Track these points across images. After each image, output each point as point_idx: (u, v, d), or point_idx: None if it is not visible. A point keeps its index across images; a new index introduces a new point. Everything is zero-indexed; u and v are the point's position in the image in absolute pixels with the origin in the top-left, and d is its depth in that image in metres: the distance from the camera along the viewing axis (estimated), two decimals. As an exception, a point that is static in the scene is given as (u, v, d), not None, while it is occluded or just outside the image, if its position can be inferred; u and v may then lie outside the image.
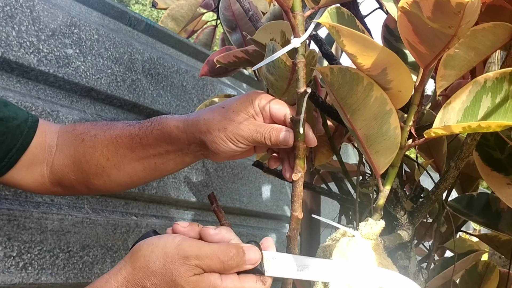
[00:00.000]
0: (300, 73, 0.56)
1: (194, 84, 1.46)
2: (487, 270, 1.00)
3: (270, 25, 0.72)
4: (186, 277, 0.52)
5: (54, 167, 0.76)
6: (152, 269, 0.53)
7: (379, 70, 0.59)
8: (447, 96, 0.87)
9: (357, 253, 0.61)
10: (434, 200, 0.72)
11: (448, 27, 0.51)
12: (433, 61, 0.58)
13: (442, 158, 0.86)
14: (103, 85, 1.16)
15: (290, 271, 0.55)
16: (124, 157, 0.72)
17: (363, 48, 0.57)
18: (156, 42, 1.39)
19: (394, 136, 0.62)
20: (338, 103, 0.62)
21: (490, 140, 0.78)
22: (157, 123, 0.71)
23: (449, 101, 0.58)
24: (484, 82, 0.55)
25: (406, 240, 0.69)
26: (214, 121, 0.65)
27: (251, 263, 0.55)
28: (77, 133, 0.76)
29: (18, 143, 0.73)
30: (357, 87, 0.60)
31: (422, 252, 1.13)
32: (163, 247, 0.53)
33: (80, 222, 1.09)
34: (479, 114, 0.54)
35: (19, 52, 0.98)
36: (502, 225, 0.84)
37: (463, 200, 0.90)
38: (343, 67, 0.60)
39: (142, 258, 0.54)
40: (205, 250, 0.53)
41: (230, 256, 0.53)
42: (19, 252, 0.96)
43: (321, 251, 0.64)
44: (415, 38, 0.56)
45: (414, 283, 0.56)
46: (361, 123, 0.62)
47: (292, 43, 0.55)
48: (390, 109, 0.61)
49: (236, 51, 0.81)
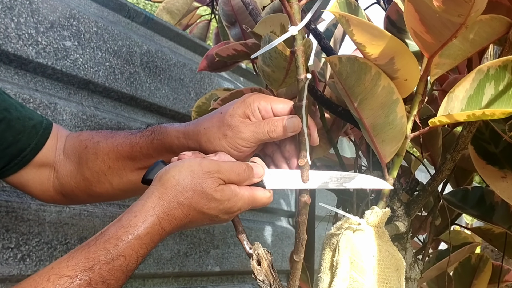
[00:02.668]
0: (300, 60, 0.57)
1: (191, 78, 1.46)
2: (481, 263, 1.02)
3: (270, 18, 0.73)
4: (214, 187, 0.59)
5: (59, 172, 0.77)
6: (183, 185, 0.59)
7: (386, 59, 0.59)
8: (444, 91, 0.88)
9: (364, 241, 0.62)
10: (430, 192, 0.73)
11: (458, 16, 0.51)
12: (439, 50, 0.59)
13: (438, 151, 0.86)
14: (101, 78, 1.17)
15: (286, 183, 0.65)
16: (125, 165, 0.73)
17: (372, 38, 0.57)
18: (155, 35, 1.40)
19: (400, 125, 0.63)
20: (345, 92, 0.63)
21: (485, 134, 0.79)
22: (157, 132, 0.71)
23: (452, 90, 0.58)
24: (487, 70, 0.55)
25: (402, 231, 0.71)
26: (214, 129, 0.66)
27: (258, 176, 0.64)
28: (82, 139, 0.77)
29: (33, 143, 0.74)
30: (365, 77, 0.61)
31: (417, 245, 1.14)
32: (188, 166, 0.60)
33: (77, 214, 1.10)
34: (483, 102, 0.55)
35: (18, 44, 0.98)
36: (496, 218, 0.86)
37: (458, 194, 0.91)
38: (352, 56, 0.61)
39: (172, 178, 0.59)
40: (223, 165, 0.61)
41: (243, 169, 0.62)
42: (17, 243, 0.97)
43: (328, 238, 0.65)
44: (422, 28, 0.56)
45: (386, 182, 0.65)
46: (368, 112, 0.63)
47: (290, 31, 0.56)
48: (397, 98, 0.62)
49: (235, 44, 0.82)
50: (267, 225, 1.77)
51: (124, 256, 0.56)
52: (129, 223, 0.57)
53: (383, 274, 0.61)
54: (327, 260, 0.64)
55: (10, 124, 0.72)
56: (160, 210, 0.58)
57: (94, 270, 0.55)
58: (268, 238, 1.75)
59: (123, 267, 0.56)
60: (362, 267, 0.60)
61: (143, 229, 0.57)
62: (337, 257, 0.62)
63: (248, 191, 0.62)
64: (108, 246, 0.56)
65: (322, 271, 0.64)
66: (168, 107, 1.37)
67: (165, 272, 1.33)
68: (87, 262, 0.55)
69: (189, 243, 1.40)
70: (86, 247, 0.56)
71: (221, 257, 1.52)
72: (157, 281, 1.34)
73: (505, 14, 0.60)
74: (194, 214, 0.60)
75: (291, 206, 1.90)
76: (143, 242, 0.57)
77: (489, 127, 0.77)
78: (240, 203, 0.62)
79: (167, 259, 1.33)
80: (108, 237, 0.56)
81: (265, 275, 0.63)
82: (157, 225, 0.58)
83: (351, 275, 0.60)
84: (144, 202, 0.59)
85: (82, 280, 0.54)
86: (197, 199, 0.59)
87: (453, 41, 0.60)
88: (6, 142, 0.72)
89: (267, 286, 0.63)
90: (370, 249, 0.61)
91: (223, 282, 1.59)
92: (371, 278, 0.60)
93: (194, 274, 1.45)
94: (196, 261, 1.43)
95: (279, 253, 1.78)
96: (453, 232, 1.02)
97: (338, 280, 0.60)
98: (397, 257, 0.64)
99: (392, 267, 0.62)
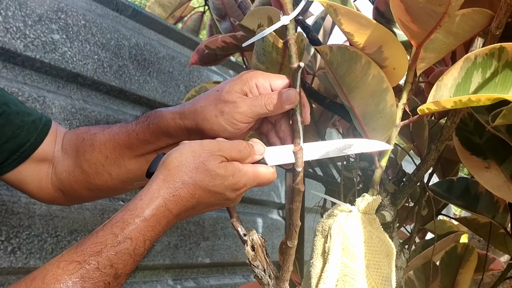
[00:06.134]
0: (292, 49, 0.57)
1: (180, 71, 1.46)
2: (466, 252, 1.04)
3: (258, 11, 0.73)
4: (217, 164, 0.60)
5: (57, 167, 0.76)
6: (186, 166, 0.59)
7: (375, 48, 0.60)
8: (430, 83, 0.90)
9: (355, 227, 0.63)
10: (415, 181, 0.75)
11: (439, 5, 0.52)
12: (425, 39, 0.59)
13: (424, 143, 0.88)
14: (90, 71, 1.17)
15: (287, 158, 0.64)
16: (123, 154, 0.72)
17: (359, 27, 0.58)
18: (143, 28, 1.39)
19: (390, 113, 0.63)
20: (336, 81, 0.63)
21: (470, 125, 0.80)
22: (153, 117, 0.70)
23: (441, 78, 0.59)
24: (475, 58, 0.56)
25: (389, 221, 0.72)
26: (210, 107, 0.65)
27: (259, 153, 0.64)
28: (79, 132, 0.77)
29: (32, 139, 0.74)
30: (356, 65, 0.61)
31: (404, 235, 1.16)
32: (189, 147, 0.61)
33: (67, 207, 1.10)
34: (471, 89, 0.55)
35: (6, 38, 0.98)
36: (480, 207, 0.87)
37: (444, 185, 0.93)
38: (342, 45, 0.61)
39: (174, 160, 0.60)
40: (224, 144, 0.62)
41: (244, 146, 0.62)
42: (7, 236, 0.97)
43: (320, 225, 0.66)
44: (408, 17, 0.57)
45: (385, 143, 0.65)
46: (359, 101, 0.64)
47: (281, 20, 0.56)
48: (387, 87, 0.62)
49: (224, 36, 0.82)
50: (258, 217, 1.79)
51: (130, 238, 0.57)
52: (135, 206, 0.58)
53: (374, 260, 0.62)
54: (319, 246, 0.65)
55: (9, 118, 0.72)
56: (166, 191, 0.58)
57: (102, 254, 0.55)
58: (258, 229, 1.76)
59: (130, 250, 0.57)
60: (354, 253, 0.61)
61: (149, 211, 0.57)
62: (329, 243, 0.62)
63: (252, 167, 0.63)
64: (115, 230, 0.56)
65: (314, 257, 0.64)
66: (157, 100, 1.37)
67: (155, 264, 1.34)
68: (95, 247, 0.56)
69: (179, 235, 1.41)
70: (94, 234, 0.57)
71: (211, 249, 1.53)
72: (148, 273, 1.35)
73: (488, 7, 0.62)
74: (200, 193, 0.60)
75: (281, 198, 1.92)
76: (150, 225, 0.58)
77: (474, 118, 0.79)
78: (244, 178, 0.62)
79: (158, 251, 1.34)
80: (115, 221, 0.57)
81: (259, 260, 0.64)
82: (163, 206, 0.58)
83: (343, 261, 0.61)
84: (149, 185, 0.59)
85: (91, 265, 0.55)
86: (201, 177, 0.59)
87: (437, 35, 0.61)
88: (5, 137, 0.72)
89: (261, 271, 0.64)
90: (361, 235, 0.62)
91: (213, 274, 1.60)
92: (362, 264, 0.61)
93: (185, 266, 1.46)
94: (187, 253, 1.44)
95: (269, 244, 1.80)
96: (439, 222, 1.04)
97: (330, 265, 0.61)
98: (388, 243, 0.65)
99: (383, 253, 0.63)
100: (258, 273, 0.64)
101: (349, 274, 0.61)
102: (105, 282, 0.56)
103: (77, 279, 0.54)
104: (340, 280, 0.61)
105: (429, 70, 0.87)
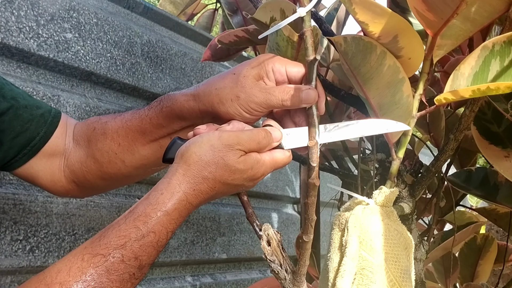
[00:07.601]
0: (309, 42, 0.56)
1: (192, 67, 1.46)
2: (486, 243, 1.02)
3: (270, 4, 0.73)
4: (236, 159, 0.60)
5: (69, 159, 0.76)
6: (205, 160, 0.59)
7: (390, 37, 0.59)
8: (446, 72, 0.88)
9: (372, 220, 0.62)
10: (434, 172, 0.74)
11: None
12: (441, 28, 0.58)
13: (441, 133, 0.87)
14: (103, 69, 1.17)
15: (303, 141, 0.63)
16: (136, 140, 0.72)
17: (374, 16, 0.57)
18: (155, 25, 1.39)
19: (406, 104, 0.62)
20: (351, 72, 0.63)
21: (488, 114, 0.79)
22: (166, 100, 0.70)
23: (458, 67, 0.57)
24: (492, 46, 0.55)
25: (407, 212, 0.71)
26: (226, 90, 0.64)
27: (276, 140, 0.63)
28: (89, 122, 0.76)
29: (42, 132, 0.73)
30: (371, 56, 0.61)
31: (422, 227, 1.14)
32: (208, 140, 0.60)
33: (84, 205, 1.11)
34: (489, 78, 0.54)
35: (19, 38, 0.98)
36: (500, 197, 0.86)
37: (462, 175, 0.91)
38: (357, 36, 0.60)
39: (193, 154, 0.60)
40: (242, 136, 0.61)
41: (263, 136, 0.62)
42: (26, 235, 0.98)
43: (337, 218, 0.65)
44: (423, 6, 0.56)
45: (403, 124, 0.63)
46: (375, 92, 0.63)
47: (298, 12, 0.55)
48: (403, 77, 0.61)
49: (237, 30, 0.82)
50: (273, 212, 1.78)
51: (154, 232, 0.57)
52: (157, 201, 0.58)
53: (392, 252, 0.61)
54: (336, 240, 0.64)
55: (18, 112, 0.71)
56: (186, 186, 0.59)
57: (126, 247, 0.56)
58: (274, 224, 1.76)
59: (154, 243, 0.58)
60: (371, 246, 0.61)
61: (170, 205, 0.58)
62: (346, 236, 0.62)
63: (269, 155, 0.63)
64: (138, 224, 0.57)
65: (332, 251, 0.64)
66: (170, 97, 1.37)
67: (172, 260, 1.34)
68: (119, 240, 0.56)
69: (195, 231, 1.41)
70: (116, 226, 0.58)
71: (227, 245, 1.53)
72: (165, 269, 1.36)
73: (506, -8, 0.60)
74: (219, 186, 0.61)
75: (296, 193, 1.91)
76: (172, 218, 0.59)
77: (492, 106, 0.77)
78: (263, 168, 0.62)
79: (174, 247, 1.34)
80: (138, 215, 0.58)
81: (275, 255, 0.63)
82: (184, 200, 0.59)
83: (361, 254, 0.61)
84: (169, 179, 0.60)
85: (115, 257, 0.56)
86: (221, 172, 0.60)
87: (454, 21, 0.60)
88: (14, 132, 0.71)
89: (277, 266, 0.63)
90: (378, 228, 0.61)
91: (230, 269, 1.60)
92: (380, 257, 0.61)
93: (201, 261, 1.46)
94: (203, 249, 1.44)
95: (284, 239, 1.79)
96: (458, 213, 1.03)
97: (347, 259, 0.61)
98: (406, 236, 0.64)
99: (401, 246, 0.63)
100: (275, 268, 0.63)
101: (367, 268, 0.60)
102: (130, 273, 0.57)
103: (102, 272, 0.55)
104: (358, 273, 0.61)
105: (445, 59, 0.85)
